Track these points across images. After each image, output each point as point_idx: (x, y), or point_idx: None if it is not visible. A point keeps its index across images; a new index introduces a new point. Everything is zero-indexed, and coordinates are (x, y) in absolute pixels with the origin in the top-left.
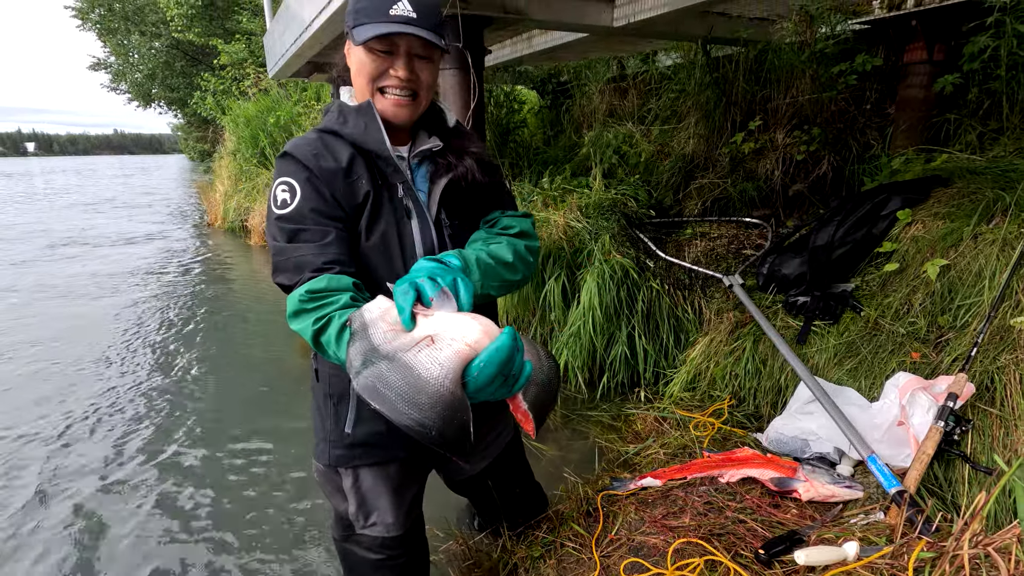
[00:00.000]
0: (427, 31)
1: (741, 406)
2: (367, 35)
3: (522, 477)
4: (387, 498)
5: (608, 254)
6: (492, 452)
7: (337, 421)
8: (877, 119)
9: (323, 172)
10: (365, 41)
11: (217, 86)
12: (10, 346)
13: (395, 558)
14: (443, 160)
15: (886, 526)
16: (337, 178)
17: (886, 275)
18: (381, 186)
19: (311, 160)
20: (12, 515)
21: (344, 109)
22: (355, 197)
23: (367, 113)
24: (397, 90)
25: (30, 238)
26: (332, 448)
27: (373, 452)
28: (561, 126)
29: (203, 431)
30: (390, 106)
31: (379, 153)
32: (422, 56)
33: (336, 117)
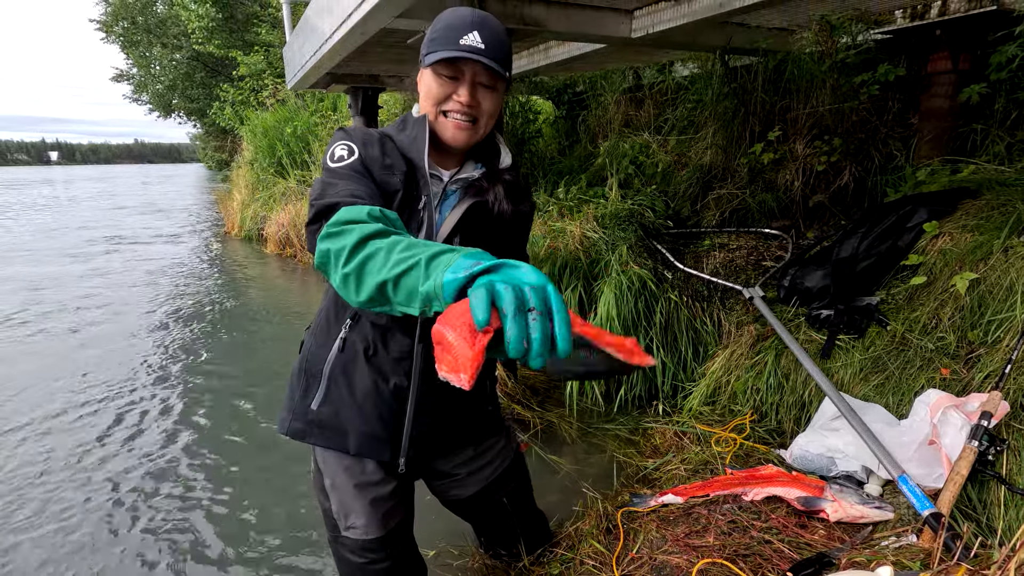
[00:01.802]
0: (493, 61)
1: (763, 421)
2: (435, 58)
3: (520, 509)
4: (357, 498)
5: (625, 265)
6: (485, 476)
7: (305, 396)
8: (900, 129)
9: (368, 157)
10: (433, 64)
11: (236, 97)
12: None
13: (377, 562)
14: (476, 184)
15: (920, 550)
16: (377, 166)
17: (913, 288)
18: (411, 194)
19: (360, 144)
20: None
21: (407, 119)
22: (389, 187)
23: (420, 125)
24: (458, 114)
25: (72, 235)
26: (293, 420)
27: (326, 434)
28: (577, 136)
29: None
30: (450, 128)
31: (416, 163)
32: (486, 85)
33: (398, 124)
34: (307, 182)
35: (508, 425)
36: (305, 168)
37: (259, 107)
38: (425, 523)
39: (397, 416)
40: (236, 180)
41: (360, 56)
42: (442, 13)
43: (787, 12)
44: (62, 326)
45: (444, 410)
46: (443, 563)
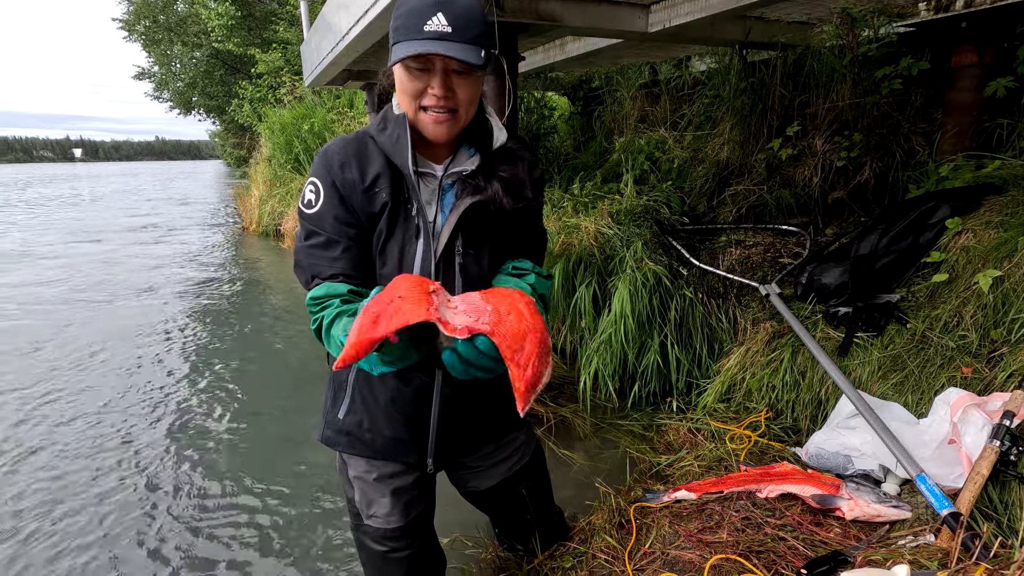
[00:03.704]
0: (464, 45)
1: (779, 419)
2: (400, 55)
3: (538, 503)
4: (381, 490)
5: (640, 261)
6: (505, 469)
7: (333, 405)
8: (923, 124)
9: (345, 183)
10: (399, 61)
11: (254, 94)
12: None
13: (398, 550)
14: (471, 181)
15: (938, 549)
16: (356, 190)
17: (934, 286)
18: (401, 201)
19: (337, 170)
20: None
21: (387, 116)
22: (373, 207)
23: (400, 125)
24: (436, 109)
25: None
26: (325, 428)
27: (355, 444)
28: (592, 132)
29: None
30: (429, 124)
31: (402, 170)
32: (460, 72)
33: (378, 123)
34: None
35: (528, 420)
36: None
37: (277, 104)
38: (441, 512)
39: (421, 416)
40: (254, 176)
41: (376, 53)
42: None
43: (807, 5)
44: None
45: (468, 406)
46: (457, 553)
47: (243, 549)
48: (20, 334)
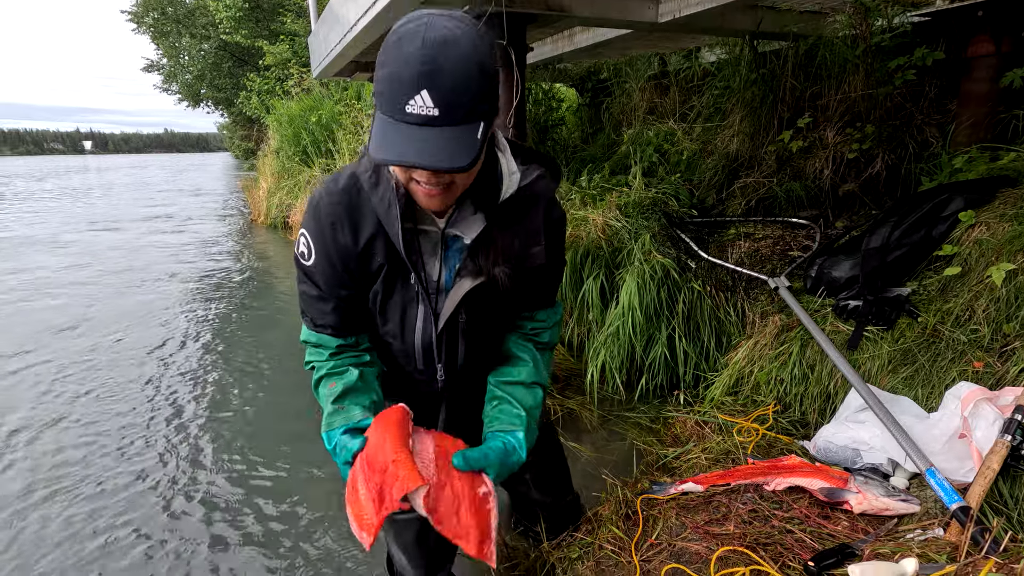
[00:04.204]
0: (454, 135)
1: (787, 412)
2: (377, 152)
3: (545, 488)
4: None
5: (648, 254)
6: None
7: None
8: (937, 116)
9: (338, 248)
10: (375, 159)
11: (262, 86)
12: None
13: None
14: (470, 261)
15: (947, 543)
16: (350, 254)
17: (946, 279)
18: (398, 264)
19: (329, 233)
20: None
21: (379, 171)
22: (369, 267)
23: (390, 191)
24: (428, 183)
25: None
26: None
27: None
28: (600, 124)
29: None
30: (422, 196)
31: (395, 243)
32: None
33: (369, 176)
34: (332, 171)
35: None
36: (329, 157)
37: (285, 96)
38: None
39: (430, 416)
40: (262, 168)
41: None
42: (391, 37)
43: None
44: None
45: (473, 411)
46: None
47: (261, 522)
48: (58, 313)
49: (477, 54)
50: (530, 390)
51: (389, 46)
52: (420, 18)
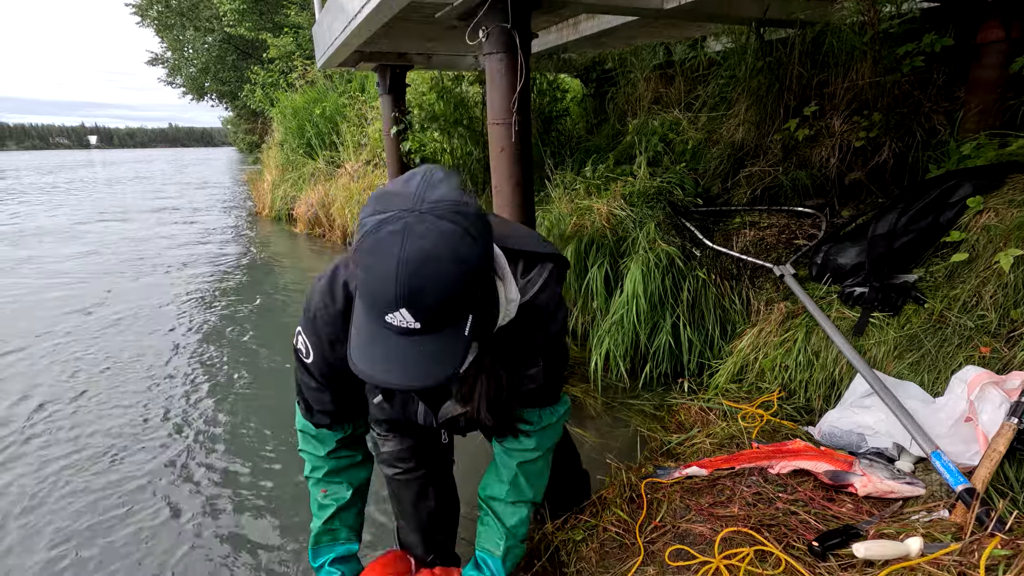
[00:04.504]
0: (437, 344)
1: (791, 399)
2: (358, 359)
3: (562, 462)
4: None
5: (653, 242)
6: None
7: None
8: (945, 103)
9: (335, 356)
10: (358, 370)
11: (266, 79)
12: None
13: (411, 471)
14: (460, 392)
15: (951, 524)
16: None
17: (953, 266)
18: None
19: (327, 347)
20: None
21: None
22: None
23: None
24: None
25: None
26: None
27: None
28: (605, 115)
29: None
30: None
31: None
32: None
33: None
34: (335, 163)
35: None
36: (334, 149)
37: (289, 89)
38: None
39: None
40: (266, 161)
41: (387, 33)
42: (366, 240)
43: None
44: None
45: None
46: (470, 523)
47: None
48: (76, 298)
49: (460, 266)
50: (514, 507)
51: (365, 251)
52: (397, 221)
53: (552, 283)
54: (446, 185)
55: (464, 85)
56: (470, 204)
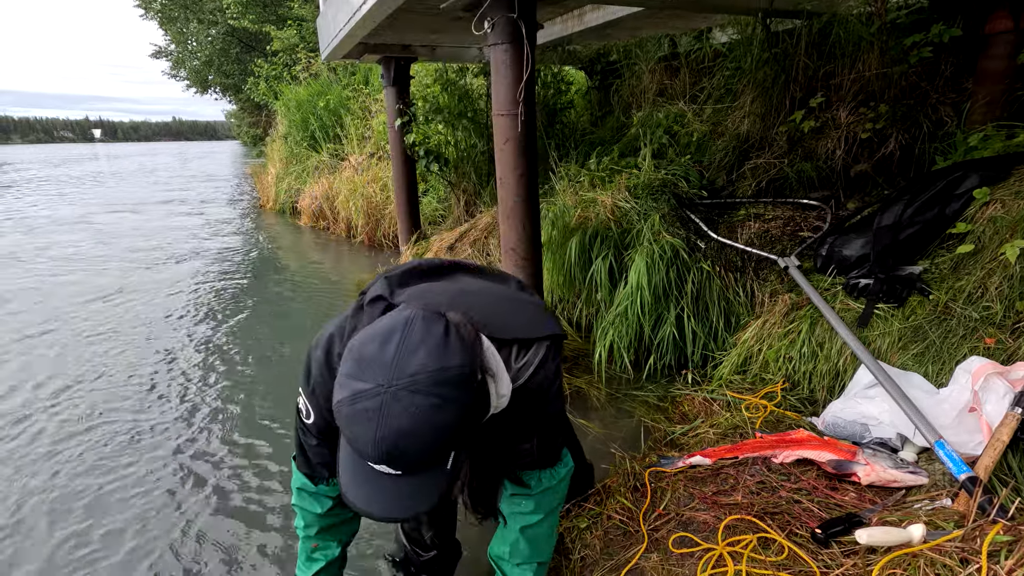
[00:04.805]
0: (419, 485)
1: (795, 390)
2: (346, 489)
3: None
4: None
5: (658, 234)
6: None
7: None
8: (952, 94)
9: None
10: (346, 500)
11: (269, 72)
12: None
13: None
14: None
15: (954, 512)
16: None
17: (958, 257)
18: None
19: (323, 403)
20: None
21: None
22: None
23: None
24: None
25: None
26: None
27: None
28: (609, 107)
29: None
30: None
31: None
32: None
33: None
34: (340, 156)
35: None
36: (337, 142)
37: (292, 81)
38: None
39: None
40: (270, 154)
41: (391, 25)
42: (341, 408)
43: None
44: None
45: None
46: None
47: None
48: (94, 285)
49: (439, 432)
50: (520, 568)
51: (343, 417)
52: (373, 397)
53: (548, 362)
54: (425, 349)
55: (468, 77)
56: (451, 359)
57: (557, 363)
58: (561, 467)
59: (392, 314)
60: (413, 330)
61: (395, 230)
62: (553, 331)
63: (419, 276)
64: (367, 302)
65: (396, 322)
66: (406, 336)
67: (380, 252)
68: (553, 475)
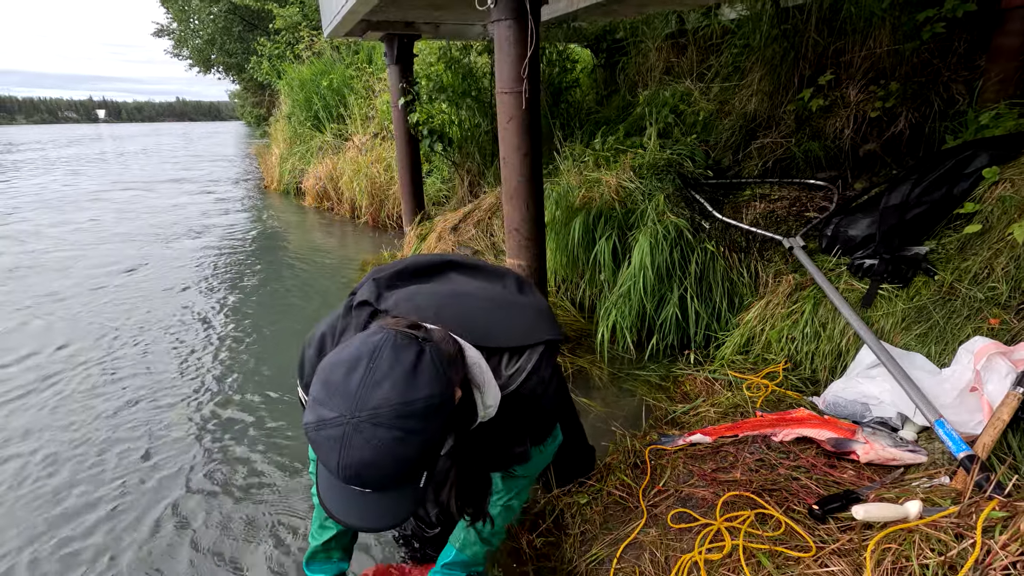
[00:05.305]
0: (389, 500)
1: (797, 370)
2: (323, 495)
3: (567, 431)
4: None
5: (662, 214)
6: None
7: None
8: (965, 72)
9: None
10: (323, 506)
11: (272, 50)
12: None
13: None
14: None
15: (951, 490)
16: None
17: (965, 238)
18: None
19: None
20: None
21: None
22: None
23: None
24: None
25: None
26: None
27: None
28: (615, 86)
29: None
30: None
31: None
32: None
33: None
34: (343, 136)
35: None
36: (341, 121)
37: (295, 60)
38: None
39: None
40: (274, 135)
41: (394, 1)
42: (308, 431)
43: None
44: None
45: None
46: None
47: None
48: (119, 257)
49: (401, 464)
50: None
51: (311, 439)
52: (336, 426)
53: (542, 367)
54: (390, 381)
55: (472, 55)
56: (418, 391)
57: (552, 369)
58: (548, 442)
59: (363, 337)
60: (380, 359)
61: (399, 211)
62: (547, 337)
63: (409, 277)
64: (354, 305)
65: (363, 350)
66: (372, 367)
67: (384, 233)
68: (542, 450)
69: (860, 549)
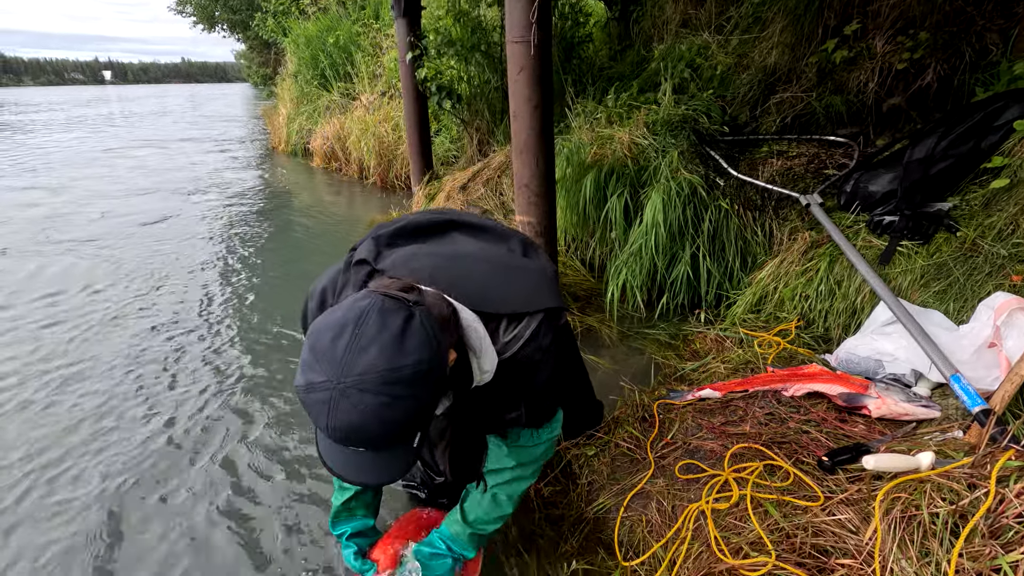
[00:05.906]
0: (387, 460)
1: (809, 328)
2: (324, 453)
3: (575, 387)
4: None
5: (676, 171)
6: None
7: None
8: (1000, 20)
9: None
10: (324, 464)
11: (276, 6)
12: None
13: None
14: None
15: (965, 444)
16: None
17: (991, 193)
18: None
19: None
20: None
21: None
22: None
23: None
24: None
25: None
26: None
27: None
28: (629, 40)
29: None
30: None
31: None
32: None
33: None
34: (350, 95)
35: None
36: (348, 80)
37: (301, 16)
38: None
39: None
40: (281, 94)
41: None
42: (300, 393)
43: None
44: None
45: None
46: None
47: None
48: (148, 209)
49: (389, 426)
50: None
51: (300, 398)
52: (323, 390)
53: (540, 335)
54: (377, 346)
55: (482, 7)
56: (405, 357)
57: (551, 336)
58: (545, 431)
59: (351, 300)
60: (367, 324)
61: (407, 171)
62: (548, 304)
63: (409, 236)
64: (353, 263)
65: (350, 315)
66: (357, 332)
67: (392, 193)
68: (534, 436)
69: (869, 499)
